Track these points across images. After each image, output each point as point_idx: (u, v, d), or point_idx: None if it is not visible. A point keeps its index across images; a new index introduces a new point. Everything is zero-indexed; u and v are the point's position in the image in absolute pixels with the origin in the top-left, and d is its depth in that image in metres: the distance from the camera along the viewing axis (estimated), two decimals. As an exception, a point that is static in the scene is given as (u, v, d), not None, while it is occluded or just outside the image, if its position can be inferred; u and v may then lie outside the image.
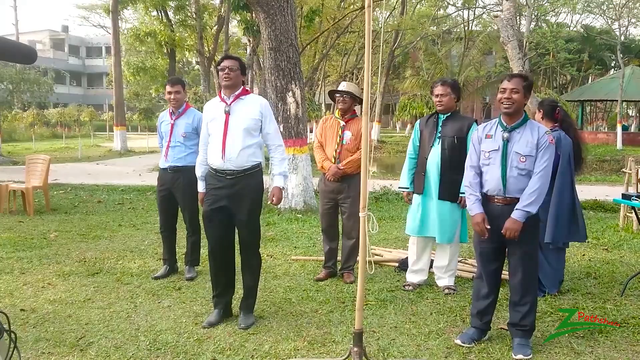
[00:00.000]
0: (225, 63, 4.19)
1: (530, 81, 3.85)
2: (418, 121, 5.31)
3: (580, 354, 3.77)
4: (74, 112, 43.42)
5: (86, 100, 55.65)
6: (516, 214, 3.68)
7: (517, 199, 3.73)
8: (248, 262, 4.37)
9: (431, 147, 5.01)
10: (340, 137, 5.32)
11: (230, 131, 4.13)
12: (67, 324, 4.28)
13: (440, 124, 5.03)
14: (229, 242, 4.35)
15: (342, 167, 5.25)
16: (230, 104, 4.19)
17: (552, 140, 3.75)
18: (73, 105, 45.68)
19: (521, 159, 3.73)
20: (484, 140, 3.89)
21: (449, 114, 5.04)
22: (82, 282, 5.37)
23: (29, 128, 36.71)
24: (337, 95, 5.33)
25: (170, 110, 5.50)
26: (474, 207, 3.85)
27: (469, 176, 3.94)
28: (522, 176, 3.73)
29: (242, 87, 4.27)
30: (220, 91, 4.31)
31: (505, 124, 3.82)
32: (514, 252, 3.84)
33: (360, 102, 5.40)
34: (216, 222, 4.24)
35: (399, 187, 5.39)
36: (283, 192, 4.40)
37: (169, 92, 5.40)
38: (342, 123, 5.34)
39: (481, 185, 3.90)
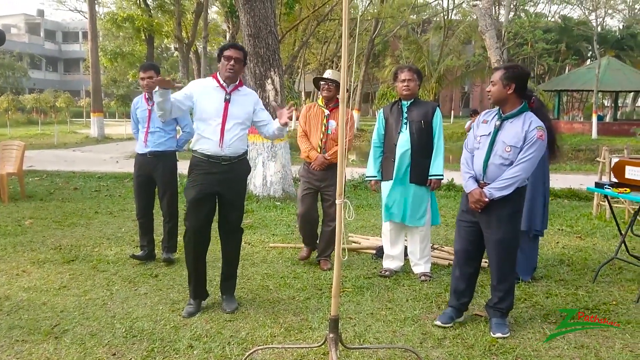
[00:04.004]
0: (232, 53, 4.16)
1: (512, 71, 3.85)
2: (381, 110, 5.35)
3: (552, 339, 3.85)
4: (50, 98, 42.67)
5: (63, 86, 54.66)
6: (485, 190, 3.82)
7: None
8: (231, 244, 4.42)
9: (399, 133, 5.07)
10: (325, 126, 5.32)
11: (230, 119, 4.15)
12: (41, 312, 4.25)
13: (405, 110, 5.09)
14: (209, 229, 4.35)
15: (328, 157, 5.26)
16: (230, 93, 4.19)
17: (541, 135, 3.77)
18: (49, 91, 44.83)
19: (506, 149, 3.79)
20: (481, 125, 4.01)
21: (412, 100, 5.10)
22: (58, 269, 5.32)
23: (4, 114, 35.94)
24: (322, 82, 5.33)
25: (146, 96, 5.46)
26: (469, 184, 3.95)
27: (464, 156, 4.06)
28: (504, 165, 3.80)
29: (239, 79, 4.31)
30: (216, 75, 4.26)
31: (501, 113, 3.90)
32: (487, 237, 3.93)
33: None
34: (203, 208, 4.22)
35: (366, 177, 5.45)
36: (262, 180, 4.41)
37: (142, 78, 5.35)
38: (327, 112, 5.34)
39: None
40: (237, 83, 4.25)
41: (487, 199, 3.80)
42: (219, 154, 4.15)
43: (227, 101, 4.16)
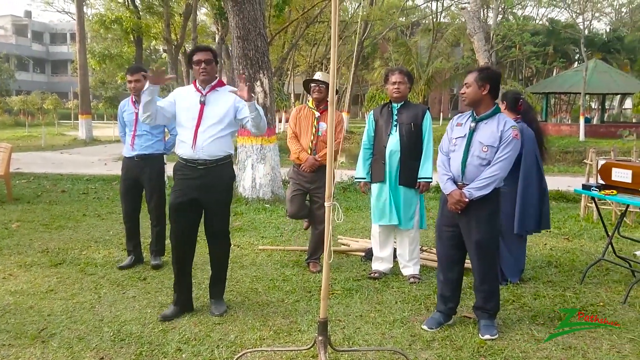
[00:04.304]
0: (200, 56, 4.12)
1: (486, 73, 3.92)
2: (371, 112, 5.37)
3: (541, 340, 3.87)
4: (38, 99, 42.40)
5: (50, 88, 54.27)
6: (464, 191, 3.85)
7: None
8: (218, 249, 4.36)
9: (389, 135, 5.09)
10: (315, 128, 5.33)
11: (204, 121, 4.08)
12: (28, 316, 4.21)
13: (395, 112, 5.12)
14: (194, 235, 4.33)
15: (319, 159, 5.26)
16: (205, 94, 4.14)
17: (516, 135, 3.84)
18: (36, 93, 44.55)
19: (483, 149, 3.84)
20: (455, 128, 4.05)
21: (402, 102, 5.13)
22: (45, 272, 5.28)
23: (-10, 116, 35.79)
24: (313, 84, 5.34)
25: (133, 99, 5.44)
26: (447, 185, 3.96)
27: (441, 159, 4.08)
28: (482, 166, 3.86)
29: (218, 78, 4.24)
30: (195, 81, 4.23)
31: (475, 115, 3.94)
32: (468, 239, 3.95)
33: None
34: (184, 214, 4.19)
35: (355, 178, 5.47)
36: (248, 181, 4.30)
37: (129, 81, 5.35)
38: (317, 114, 5.35)
39: None
40: (214, 83, 4.19)
41: (467, 199, 3.83)
42: (194, 158, 4.10)
43: (202, 103, 4.12)
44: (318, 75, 5.41)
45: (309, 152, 5.33)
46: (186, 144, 4.10)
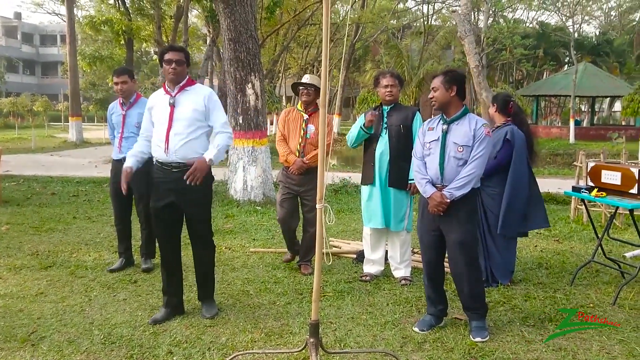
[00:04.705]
0: (171, 56, 4.06)
1: (452, 75, 3.96)
2: (362, 115, 5.37)
3: (531, 342, 3.88)
4: (27, 101, 42.17)
5: (40, 90, 53.94)
6: (444, 192, 3.87)
7: None
8: (201, 253, 4.33)
9: (379, 137, 5.10)
10: (304, 130, 5.32)
11: (175, 123, 4.03)
12: (18, 319, 4.18)
13: (385, 115, 5.13)
14: (178, 238, 4.31)
15: (307, 161, 5.25)
16: (174, 96, 4.10)
17: (488, 132, 3.91)
18: (26, 95, 44.30)
19: (459, 149, 3.89)
20: (427, 132, 4.09)
21: (393, 105, 5.14)
22: (35, 275, 5.25)
23: (-20, 118, 35.54)
24: (301, 87, 5.34)
25: (121, 101, 5.42)
26: (427, 189, 3.98)
27: (416, 164, 4.11)
28: (459, 166, 3.90)
29: (187, 77, 4.18)
30: (165, 83, 4.19)
31: (445, 118, 4.00)
32: (448, 239, 3.97)
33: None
34: (164, 218, 4.18)
35: (360, 127, 5.17)
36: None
37: (116, 83, 5.34)
38: (306, 116, 5.34)
39: None
40: (182, 84, 4.12)
41: (448, 200, 3.85)
42: (168, 161, 4.07)
43: (171, 105, 4.07)
44: (306, 78, 5.41)
45: (297, 154, 5.32)
46: (160, 147, 4.08)
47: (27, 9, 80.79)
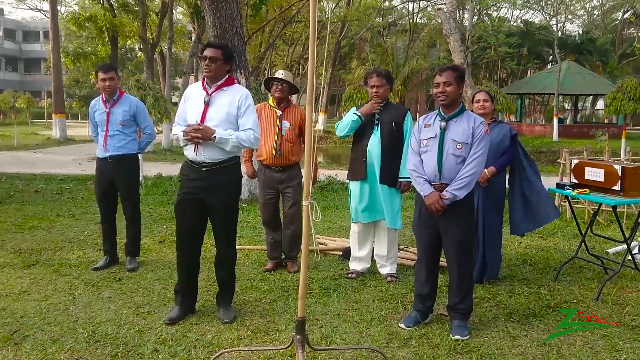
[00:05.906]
0: (207, 52, 4.02)
1: (462, 71, 3.98)
2: (354, 108, 5.36)
3: (516, 337, 3.92)
4: (10, 98, 41.61)
5: (23, 87, 53.34)
6: (444, 194, 3.84)
7: None
8: (224, 255, 4.26)
9: (370, 134, 5.09)
10: (278, 127, 5.27)
11: (206, 123, 3.96)
12: (0, 318, 4.13)
13: (377, 113, 5.11)
14: (199, 235, 4.25)
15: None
16: (210, 94, 4.04)
17: (487, 130, 3.90)
18: (9, 91, 43.70)
19: (457, 146, 3.86)
20: (423, 129, 4.05)
21: (384, 103, 5.13)
22: (18, 274, 5.19)
23: (-40, 115, 35.04)
24: (275, 83, 5.29)
25: (104, 98, 5.33)
26: (424, 188, 3.94)
27: (413, 160, 4.06)
28: (458, 163, 3.87)
29: (228, 76, 4.10)
30: (203, 78, 4.14)
31: (443, 114, 3.96)
32: (446, 239, 3.97)
33: (296, 91, 5.41)
34: (188, 213, 4.12)
35: (354, 112, 5.16)
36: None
37: (103, 79, 5.22)
38: (279, 112, 5.30)
39: None
40: (220, 82, 4.06)
41: (446, 199, 3.84)
42: (197, 160, 4.03)
43: (205, 104, 4.02)
44: (280, 74, 5.34)
45: (274, 152, 5.25)
46: (190, 146, 4.03)
47: (10, 4, 79.69)
